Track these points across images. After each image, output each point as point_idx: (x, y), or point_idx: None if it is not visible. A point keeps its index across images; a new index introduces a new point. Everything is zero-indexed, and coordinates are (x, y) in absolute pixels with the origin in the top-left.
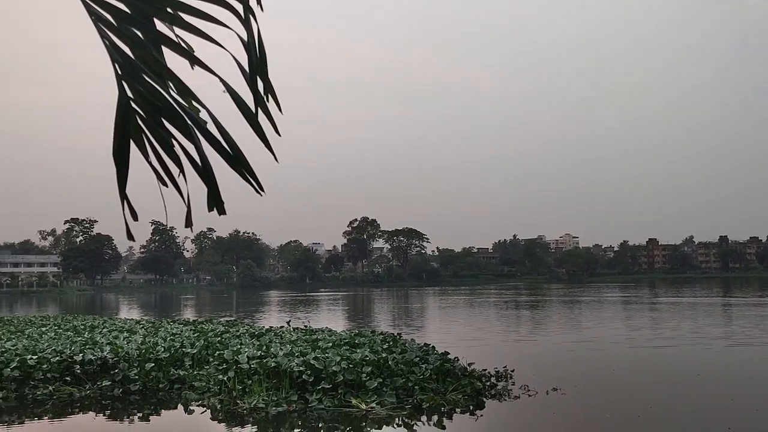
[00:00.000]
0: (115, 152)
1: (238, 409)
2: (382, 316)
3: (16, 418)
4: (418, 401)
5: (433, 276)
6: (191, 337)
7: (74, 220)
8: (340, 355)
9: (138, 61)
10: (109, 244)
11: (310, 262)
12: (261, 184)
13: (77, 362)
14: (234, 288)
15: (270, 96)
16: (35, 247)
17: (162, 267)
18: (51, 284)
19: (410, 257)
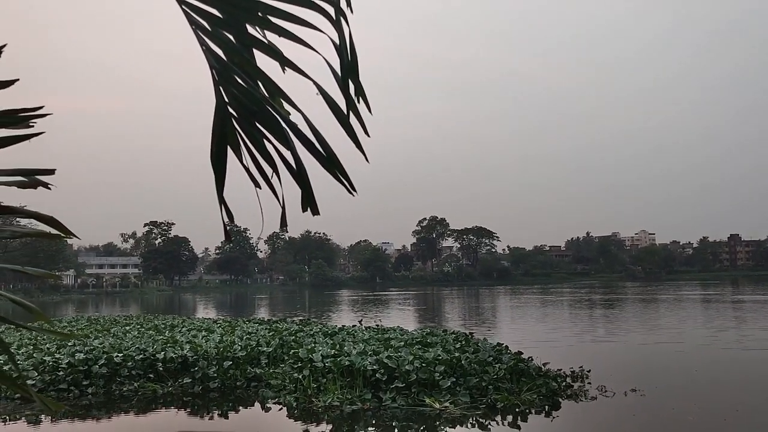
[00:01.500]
0: (213, 156)
1: (314, 406)
2: (453, 316)
3: (104, 413)
4: (493, 401)
5: (504, 275)
6: (266, 336)
7: (153, 223)
8: (413, 354)
9: (232, 64)
10: (186, 246)
11: (380, 261)
12: (354, 186)
13: (159, 360)
14: (306, 287)
15: (360, 98)
16: (118, 250)
17: (236, 267)
18: (132, 285)
19: (480, 256)
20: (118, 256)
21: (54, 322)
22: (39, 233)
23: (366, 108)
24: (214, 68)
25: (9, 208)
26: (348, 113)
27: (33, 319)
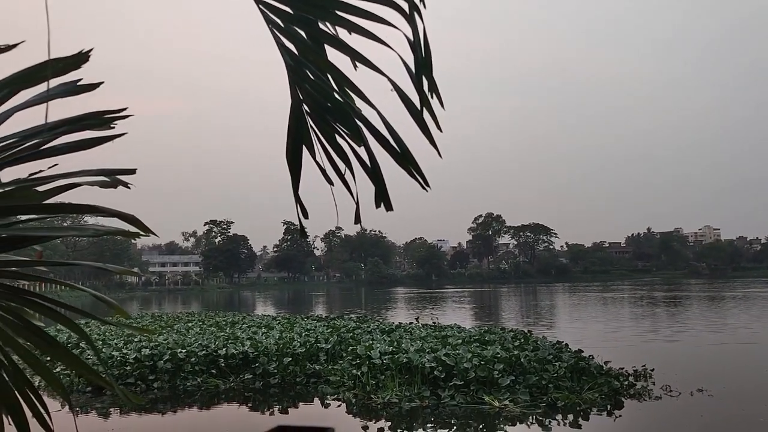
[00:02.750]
0: (288, 155)
1: (372, 403)
2: (510, 314)
3: (169, 407)
4: (553, 400)
5: (562, 272)
6: (325, 333)
7: (213, 222)
8: (471, 351)
9: (305, 60)
10: (245, 244)
11: (436, 259)
12: (427, 181)
13: (221, 356)
14: (362, 285)
15: (433, 93)
16: (179, 248)
17: (294, 265)
18: (194, 282)
19: (537, 253)
20: (179, 255)
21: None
22: (120, 231)
23: (439, 103)
24: (289, 66)
25: (95, 207)
26: (421, 109)
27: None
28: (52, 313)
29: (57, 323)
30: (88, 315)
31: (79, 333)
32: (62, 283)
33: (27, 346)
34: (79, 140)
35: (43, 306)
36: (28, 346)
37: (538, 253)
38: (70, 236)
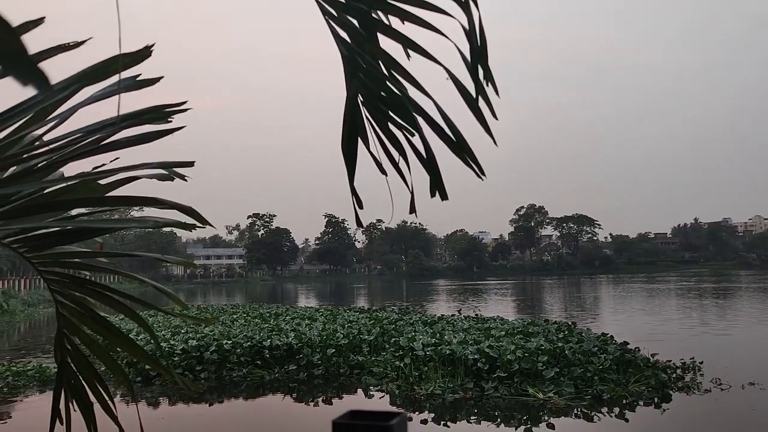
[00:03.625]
0: (344, 146)
1: (416, 394)
2: (554, 306)
3: (216, 397)
4: (598, 392)
5: (606, 263)
6: (367, 325)
7: (256, 215)
8: (515, 343)
9: (359, 48)
10: (287, 237)
11: (477, 251)
12: (483, 170)
13: (266, 347)
14: (403, 277)
15: (489, 82)
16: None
17: (335, 257)
18: (237, 275)
19: (581, 244)
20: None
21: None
22: (179, 223)
23: (494, 92)
24: (344, 57)
25: (155, 200)
26: (477, 98)
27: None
28: (113, 302)
29: (118, 313)
30: (148, 305)
31: (139, 322)
32: (123, 273)
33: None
34: (141, 134)
35: (105, 295)
36: (92, 335)
37: (581, 244)
38: (131, 227)
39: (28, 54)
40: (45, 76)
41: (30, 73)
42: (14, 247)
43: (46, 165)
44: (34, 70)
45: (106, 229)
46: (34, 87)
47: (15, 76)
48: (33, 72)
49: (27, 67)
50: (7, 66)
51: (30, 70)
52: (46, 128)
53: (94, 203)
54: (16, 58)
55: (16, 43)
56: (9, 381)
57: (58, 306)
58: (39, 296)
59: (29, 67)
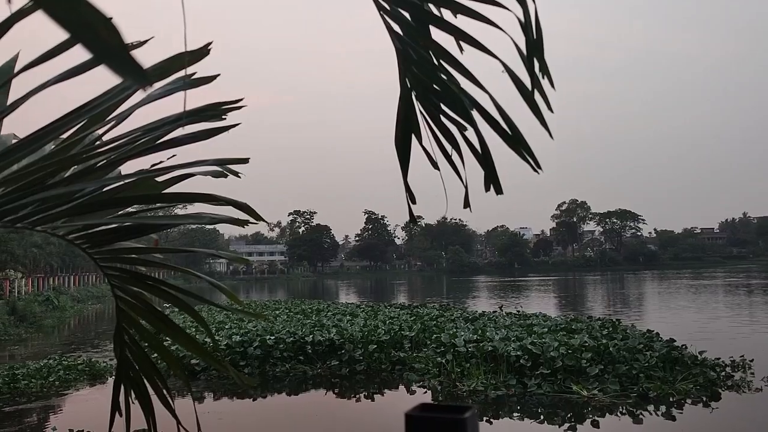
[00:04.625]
0: (397, 141)
1: (458, 391)
2: (597, 302)
3: (260, 392)
4: (644, 390)
5: (651, 259)
6: (408, 321)
7: (296, 212)
8: (558, 340)
9: (412, 41)
10: (328, 234)
11: (518, 246)
12: (539, 163)
13: (308, 343)
14: (443, 273)
15: (544, 75)
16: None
17: (375, 254)
18: (279, 271)
19: (624, 240)
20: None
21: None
22: (233, 219)
23: (549, 84)
24: (399, 51)
25: (211, 196)
26: (533, 91)
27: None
28: (170, 297)
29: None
30: (203, 300)
31: (195, 317)
32: (179, 269)
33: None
34: (199, 131)
35: (162, 290)
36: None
37: (625, 240)
38: (188, 223)
39: (128, 50)
40: (143, 71)
41: (129, 68)
42: (77, 243)
43: (106, 164)
44: (133, 65)
45: (164, 225)
46: (133, 81)
47: (115, 70)
48: (132, 67)
49: (126, 63)
50: (107, 61)
51: (129, 65)
52: (107, 128)
53: (152, 200)
54: (116, 54)
55: (116, 39)
56: (61, 375)
57: (117, 301)
58: (87, 293)
59: (128, 62)
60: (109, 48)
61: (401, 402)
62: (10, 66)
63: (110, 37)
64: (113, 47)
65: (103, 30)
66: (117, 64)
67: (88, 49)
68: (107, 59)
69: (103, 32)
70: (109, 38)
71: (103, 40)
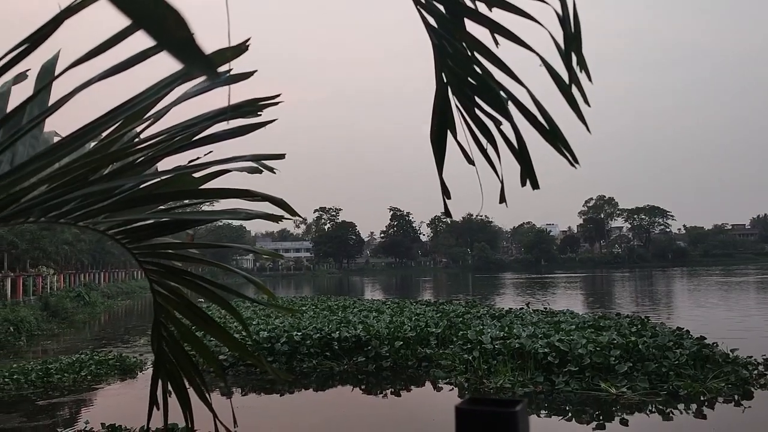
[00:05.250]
0: (433, 136)
1: (485, 387)
2: (625, 299)
3: (287, 388)
4: (674, 388)
5: (680, 256)
6: (434, 318)
7: (322, 209)
8: (586, 337)
9: (446, 33)
10: (353, 231)
11: (544, 243)
12: (576, 158)
13: (335, 339)
14: (469, 270)
15: (582, 69)
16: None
17: (401, 250)
18: (305, 268)
19: (653, 236)
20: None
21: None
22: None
23: (587, 78)
24: (435, 46)
25: (248, 192)
26: (570, 85)
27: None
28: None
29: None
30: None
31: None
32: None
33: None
34: (236, 127)
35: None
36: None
37: (653, 236)
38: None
39: (195, 41)
40: (211, 62)
41: (197, 59)
42: (117, 239)
43: (144, 160)
44: (200, 55)
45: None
46: (202, 73)
47: (183, 61)
48: (200, 58)
49: (194, 53)
50: (175, 52)
51: (197, 56)
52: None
53: (190, 195)
54: (185, 47)
55: (185, 32)
56: (92, 369)
57: (155, 295)
58: (117, 289)
59: (196, 53)
60: (177, 39)
61: (427, 398)
62: (52, 64)
63: (178, 27)
64: (181, 38)
65: (171, 21)
66: (184, 54)
67: (155, 39)
68: (175, 50)
69: (170, 23)
70: (176, 29)
71: (171, 31)
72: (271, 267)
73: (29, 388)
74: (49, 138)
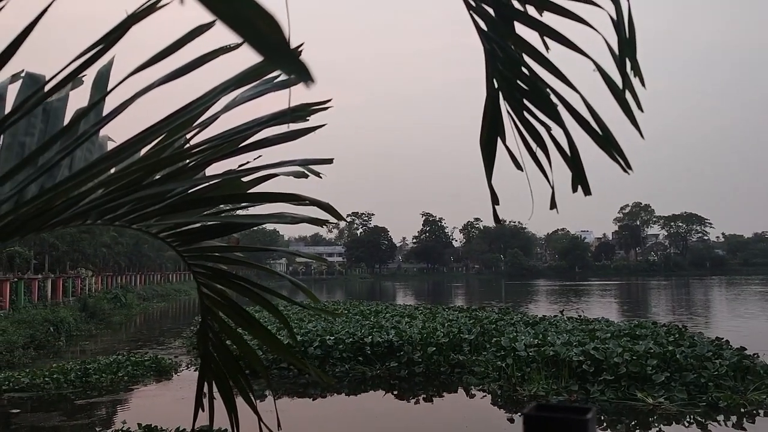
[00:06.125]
0: (483, 141)
1: (518, 395)
2: (662, 307)
3: (319, 392)
4: (714, 399)
5: (719, 264)
6: (467, 324)
7: (354, 214)
8: (621, 346)
9: (499, 38)
10: (385, 236)
11: (579, 250)
12: (629, 163)
13: (367, 344)
14: (502, 276)
15: (636, 74)
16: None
17: (433, 256)
18: (337, 272)
19: (690, 244)
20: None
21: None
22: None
23: (640, 83)
24: (486, 50)
25: (295, 196)
26: (624, 90)
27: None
28: (252, 294)
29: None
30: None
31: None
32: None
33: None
34: (288, 132)
35: (246, 288)
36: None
37: (690, 244)
38: (270, 222)
39: (289, 46)
40: (305, 67)
41: (291, 64)
42: (168, 241)
43: (195, 165)
44: (295, 60)
45: (248, 224)
46: (298, 78)
47: (277, 65)
48: (294, 62)
49: (288, 58)
50: (270, 56)
51: (291, 60)
52: (197, 130)
53: (239, 199)
54: (280, 52)
55: (278, 35)
56: (129, 370)
57: (203, 297)
58: (152, 291)
59: (290, 57)
60: (272, 44)
61: (459, 405)
62: (107, 69)
63: (272, 32)
64: (275, 43)
65: (265, 26)
66: (279, 59)
67: (250, 44)
68: (269, 54)
69: (265, 28)
70: (271, 34)
71: (265, 35)
72: (304, 271)
73: (68, 387)
74: (103, 142)
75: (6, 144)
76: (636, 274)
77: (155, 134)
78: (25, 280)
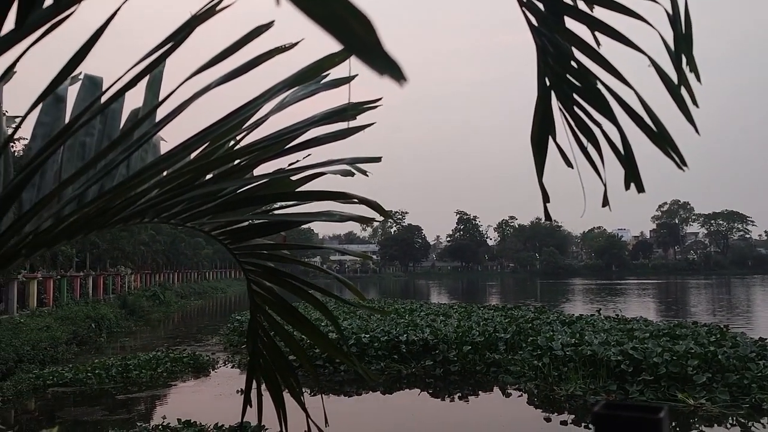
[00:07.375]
0: (534, 139)
1: (555, 395)
2: (702, 307)
3: (354, 390)
4: (758, 401)
5: (761, 264)
6: (503, 323)
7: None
8: (661, 346)
9: (550, 33)
10: (419, 234)
11: (616, 249)
12: (684, 160)
13: (402, 342)
14: (536, 275)
15: (692, 70)
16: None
17: (467, 254)
18: (371, 270)
19: (731, 243)
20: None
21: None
22: (362, 217)
23: (696, 79)
24: (538, 47)
25: (344, 194)
26: (679, 86)
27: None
28: (301, 292)
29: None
30: (331, 295)
31: (325, 313)
32: (308, 265)
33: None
34: (337, 131)
35: (296, 286)
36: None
37: (732, 242)
38: (319, 221)
39: (383, 45)
40: (399, 67)
41: (385, 64)
42: (220, 239)
43: (246, 164)
44: (388, 60)
45: (297, 221)
46: (391, 78)
47: (371, 66)
48: (388, 62)
49: (382, 58)
50: (363, 56)
51: (385, 60)
52: (247, 132)
53: (288, 198)
54: (371, 49)
55: (373, 36)
56: (168, 366)
57: (253, 295)
58: (190, 289)
59: (384, 57)
60: (365, 43)
61: (496, 404)
62: (160, 71)
63: (366, 32)
64: (369, 43)
65: (358, 25)
66: (373, 59)
67: (343, 44)
68: (363, 54)
69: (358, 28)
70: (364, 34)
71: (359, 35)
72: (338, 269)
73: (110, 382)
74: (156, 142)
75: (68, 144)
76: (675, 273)
77: (210, 136)
78: (68, 277)
